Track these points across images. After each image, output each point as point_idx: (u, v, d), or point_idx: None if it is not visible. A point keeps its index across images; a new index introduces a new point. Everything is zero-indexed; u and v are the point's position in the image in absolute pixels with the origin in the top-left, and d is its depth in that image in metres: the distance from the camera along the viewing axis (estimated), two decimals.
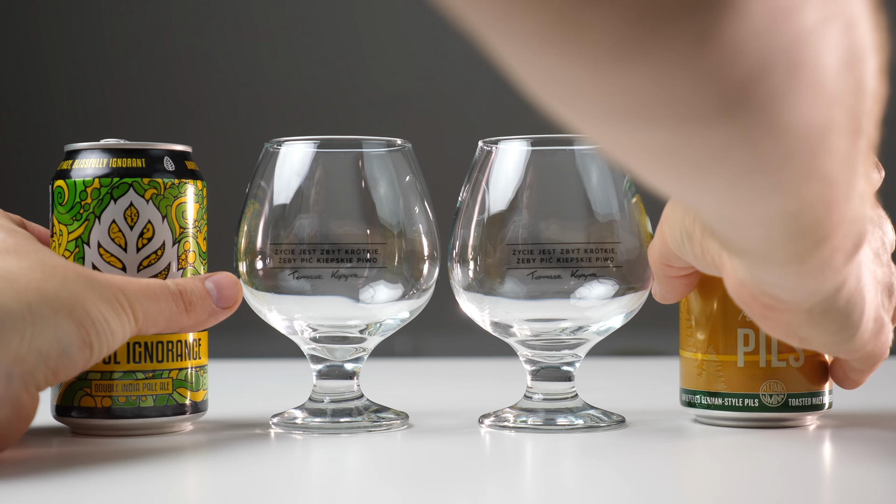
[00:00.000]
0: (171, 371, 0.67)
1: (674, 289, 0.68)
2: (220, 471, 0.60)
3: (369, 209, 0.70)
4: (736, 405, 0.68)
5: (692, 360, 0.70)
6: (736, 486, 0.56)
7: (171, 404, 0.67)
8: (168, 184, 0.67)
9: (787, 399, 0.68)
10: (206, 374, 0.70)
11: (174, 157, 0.68)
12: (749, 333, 0.68)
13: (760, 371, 0.68)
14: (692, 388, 0.70)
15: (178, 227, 0.68)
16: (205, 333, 0.70)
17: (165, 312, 0.64)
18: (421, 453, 0.64)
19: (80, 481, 0.56)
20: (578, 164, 0.69)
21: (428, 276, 0.71)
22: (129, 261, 0.67)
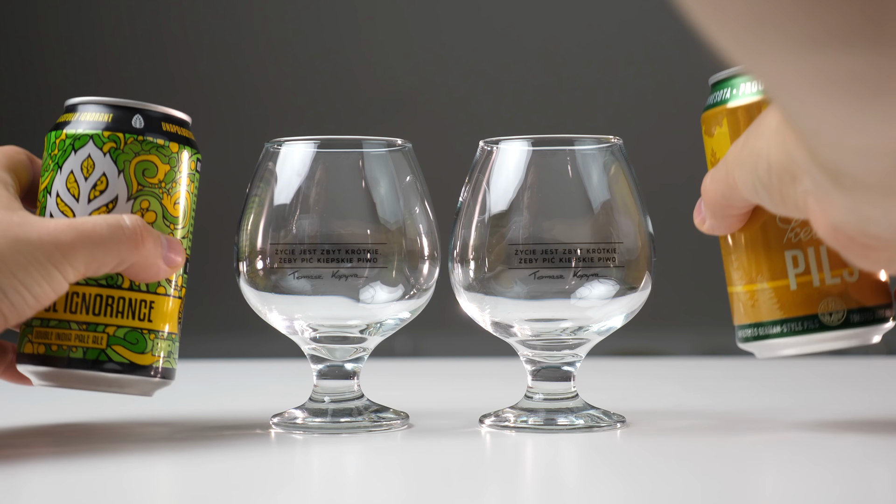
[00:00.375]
0: (108, 327, 0.65)
1: (730, 224, 0.65)
2: (221, 471, 0.60)
3: (369, 209, 0.70)
4: (796, 329, 0.65)
5: (743, 293, 0.67)
6: (736, 486, 0.56)
7: (102, 360, 0.65)
8: (129, 139, 0.66)
9: (847, 315, 0.65)
10: (166, 341, 0.67)
11: (148, 116, 0.67)
12: (797, 255, 0.65)
13: (815, 291, 0.65)
14: (748, 322, 0.66)
15: (136, 183, 0.66)
16: (165, 301, 0.67)
17: (114, 252, 0.63)
18: (421, 453, 0.64)
19: (79, 481, 0.56)
20: (579, 163, 0.69)
21: (428, 276, 0.71)
22: (80, 211, 0.66)
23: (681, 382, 1.00)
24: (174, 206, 0.67)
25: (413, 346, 2.26)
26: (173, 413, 0.79)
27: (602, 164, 0.69)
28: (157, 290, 0.66)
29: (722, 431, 0.70)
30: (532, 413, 0.70)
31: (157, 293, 0.66)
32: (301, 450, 0.66)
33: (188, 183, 0.68)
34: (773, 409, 0.80)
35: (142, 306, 0.66)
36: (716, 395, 0.89)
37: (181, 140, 0.68)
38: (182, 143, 0.68)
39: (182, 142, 0.68)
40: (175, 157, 0.67)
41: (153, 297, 0.67)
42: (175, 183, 0.67)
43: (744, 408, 0.81)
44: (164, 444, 0.66)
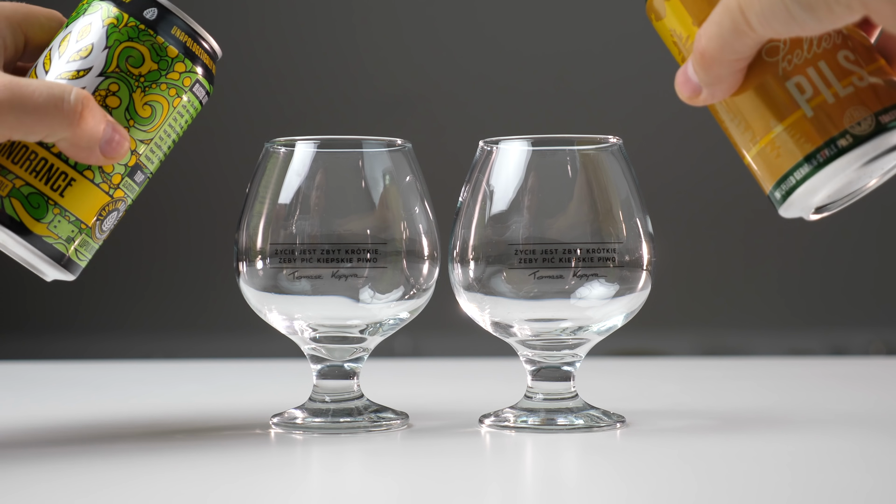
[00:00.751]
0: (17, 179, 0.63)
1: (732, 82, 0.60)
2: (221, 471, 0.60)
3: (369, 209, 0.70)
4: (830, 155, 0.58)
5: (763, 150, 0.61)
6: (736, 486, 0.56)
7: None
8: (130, 23, 0.64)
9: (876, 120, 0.58)
10: (71, 225, 0.64)
11: (163, 15, 0.65)
12: (800, 80, 0.59)
13: (833, 107, 0.59)
14: (781, 177, 0.60)
15: (115, 65, 0.64)
16: (89, 186, 0.64)
17: (45, 123, 0.61)
18: (421, 453, 0.64)
19: (79, 481, 0.56)
20: (579, 163, 0.69)
21: (428, 276, 0.71)
22: (55, 68, 0.64)
23: (681, 382, 1.00)
24: (143, 106, 0.65)
25: (413, 346, 2.26)
26: (173, 413, 0.79)
27: (602, 164, 0.69)
28: (85, 171, 0.64)
29: (722, 431, 0.70)
30: (532, 413, 0.70)
31: (83, 174, 0.64)
32: (301, 450, 0.66)
33: (172, 93, 0.65)
34: (773, 409, 0.80)
35: (60, 177, 0.63)
36: (716, 395, 0.89)
37: (186, 51, 0.65)
38: (185, 55, 0.65)
39: (186, 54, 0.66)
40: (168, 61, 0.65)
41: (76, 176, 0.64)
42: (156, 84, 0.65)
43: (744, 408, 0.81)
44: (165, 444, 0.66)
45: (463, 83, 2.46)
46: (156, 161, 0.66)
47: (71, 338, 2.15)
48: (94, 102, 0.62)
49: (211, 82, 0.67)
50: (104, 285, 2.15)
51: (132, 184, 0.65)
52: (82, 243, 0.65)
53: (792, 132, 0.59)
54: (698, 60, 0.59)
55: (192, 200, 2.14)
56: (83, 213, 0.64)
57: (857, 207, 0.68)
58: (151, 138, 0.65)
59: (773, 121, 0.59)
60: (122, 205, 0.65)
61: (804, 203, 0.60)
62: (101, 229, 0.65)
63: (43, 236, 0.63)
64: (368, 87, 2.50)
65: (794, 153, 0.59)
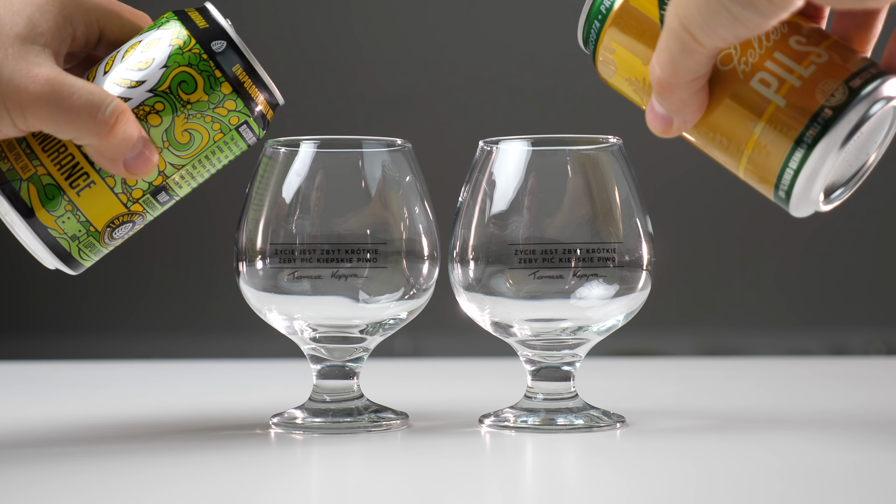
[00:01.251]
0: (41, 166, 0.63)
1: (698, 103, 0.60)
2: (221, 471, 0.60)
3: (369, 209, 0.70)
4: (816, 135, 0.58)
5: (751, 155, 0.60)
6: (736, 486, 0.56)
7: (13, 184, 0.63)
8: (195, 50, 0.64)
9: (847, 88, 0.58)
10: (80, 225, 0.64)
11: (230, 51, 0.65)
12: (762, 76, 0.59)
13: (802, 89, 0.59)
14: (777, 172, 0.59)
15: (167, 84, 0.64)
16: (107, 193, 0.64)
17: (75, 125, 0.62)
18: (421, 453, 0.64)
19: (78, 481, 0.56)
20: (579, 163, 0.69)
21: (428, 276, 0.71)
22: (115, 72, 0.64)
23: (681, 382, 1.00)
24: (183, 132, 0.65)
25: (413, 346, 2.26)
26: (173, 413, 0.79)
27: (602, 164, 0.69)
28: (107, 178, 0.64)
29: (722, 431, 0.70)
30: (532, 413, 0.70)
31: (105, 180, 0.64)
32: (301, 450, 0.66)
33: (216, 128, 0.65)
34: (773, 409, 0.80)
35: (81, 177, 0.64)
36: (716, 395, 0.89)
37: (241, 91, 0.65)
38: (239, 95, 0.65)
39: (240, 94, 0.65)
40: (220, 95, 0.65)
41: (97, 180, 0.64)
42: (201, 115, 0.65)
43: (744, 408, 0.81)
44: (164, 443, 0.66)
45: (463, 83, 2.46)
46: (185, 187, 0.66)
47: (71, 338, 2.15)
48: (130, 117, 0.63)
49: (264, 127, 0.66)
50: (104, 285, 2.15)
51: (154, 202, 0.65)
52: (87, 244, 0.65)
53: (773, 126, 0.59)
54: (659, 91, 0.59)
55: (192, 200, 2.14)
56: (94, 217, 0.64)
57: (857, 207, 0.68)
58: (184, 164, 0.65)
59: (750, 123, 0.59)
60: (140, 219, 0.66)
61: (809, 192, 0.60)
62: (112, 237, 0.65)
63: (49, 227, 0.63)
64: (368, 87, 2.50)
65: (781, 145, 0.59)
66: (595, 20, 0.62)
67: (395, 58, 2.52)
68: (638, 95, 0.62)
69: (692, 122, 0.60)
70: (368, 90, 2.50)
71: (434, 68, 2.50)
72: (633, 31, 0.61)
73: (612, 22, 0.62)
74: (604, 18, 0.62)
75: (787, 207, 0.61)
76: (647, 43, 0.61)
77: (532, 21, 2.55)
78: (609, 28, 0.62)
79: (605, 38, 0.62)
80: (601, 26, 0.62)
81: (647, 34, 0.61)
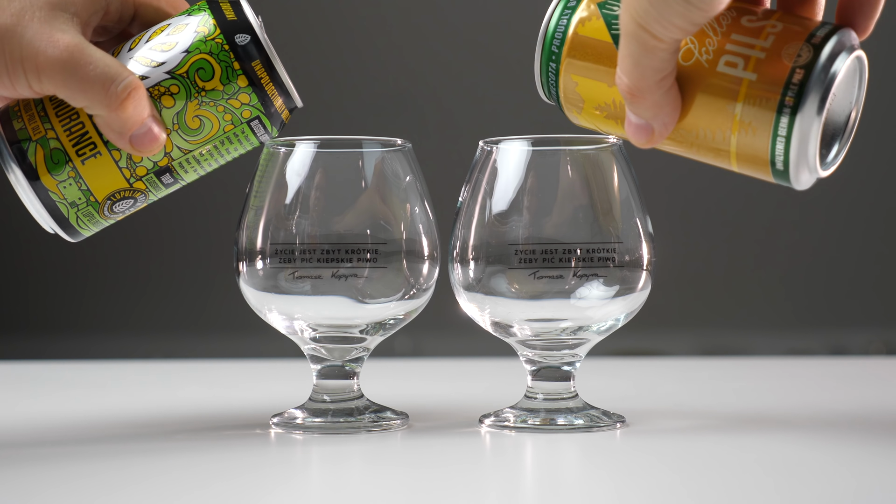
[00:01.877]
0: (51, 130, 0.64)
1: (672, 102, 0.60)
2: (220, 471, 0.60)
3: (369, 209, 0.70)
4: (796, 97, 0.58)
5: (738, 138, 0.60)
6: (736, 486, 0.56)
7: (22, 143, 0.64)
8: (218, 40, 0.65)
9: (810, 47, 0.58)
10: (80, 193, 0.65)
11: (253, 47, 0.65)
12: (727, 59, 0.59)
13: (768, 60, 0.59)
14: (768, 146, 0.59)
15: (185, 69, 0.64)
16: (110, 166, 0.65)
17: (87, 95, 0.63)
18: (421, 453, 0.64)
19: (78, 481, 0.56)
20: (579, 164, 0.69)
21: (428, 276, 0.71)
22: (138, 50, 0.65)
23: (681, 382, 1.00)
24: (193, 117, 0.65)
25: (413, 346, 2.26)
26: (173, 413, 0.79)
27: (602, 164, 0.69)
28: (113, 151, 0.64)
29: (722, 431, 0.70)
30: (532, 413, 0.70)
31: (111, 153, 0.64)
32: (301, 450, 0.66)
33: (227, 118, 0.65)
34: (773, 409, 0.80)
35: (88, 146, 0.64)
36: (716, 395, 0.89)
37: (257, 87, 0.65)
38: (254, 90, 0.65)
39: (256, 89, 0.65)
40: (235, 87, 0.65)
41: (104, 151, 0.64)
42: (214, 103, 0.65)
43: (744, 408, 0.81)
44: (164, 443, 0.66)
45: (463, 83, 2.46)
46: (191, 173, 0.66)
47: (71, 338, 2.15)
48: (143, 95, 0.63)
49: (278, 126, 0.67)
50: (104, 285, 2.15)
51: (158, 182, 0.66)
52: (86, 213, 0.65)
53: (751, 102, 0.59)
54: (630, 100, 0.60)
55: (192, 200, 2.14)
56: (95, 187, 0.65)
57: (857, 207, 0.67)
58: (191, 150, 0.65)
59: (728, 107, 0.59)
60: (142, 197, 0.66)
61: (806, 156, 0.59)
62: (112, 210, 0.66)
63: (50, 191, 0.64)
64: (368, 87, 2.50)
65: (764, 118, 0.59)
66: (550, 63, 0.63)
67: (396, 58, 2.52)
68: (612, 121, 0.63)
69: (671, 124, 0.60)
70: (368, 90, 2.50)
71: (434, 68, 2.50)
72: (591, 57, 0.62)
73: (567, 56, 0.62)
74: (558, 58, 0.63)
75: (787, 181, 0.60)
76: (607, 63, 0.61)
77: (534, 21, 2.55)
78: (566, 63, 0.62)
79: (564, 75, 0.63)
80: (557, 66, 0.63)
81: (604, 56, 0.62)
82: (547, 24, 0.63)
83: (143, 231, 2.11)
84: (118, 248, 2.05)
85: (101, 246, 1.93)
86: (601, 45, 0.62)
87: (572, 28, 0.62)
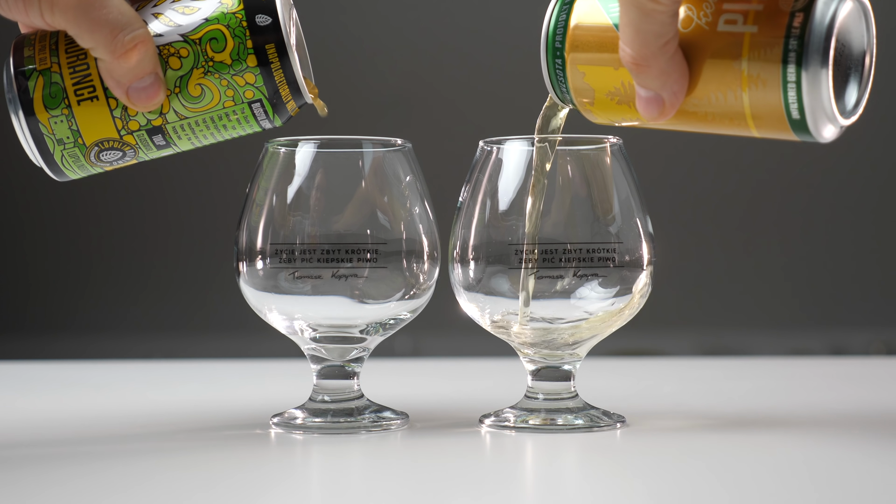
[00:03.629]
0: (56, 65, 0.64)
1: (680, 64, 0.59)
2: (220, 471, 0.60)
3: (369, 209, 0.70)
4: (800, 41, 0.57)
5: (750, 95, 0.59)
6: (736, 486, 0.56)
7: (27, 71, 0.64)
8: (239, 16, 0.64)
9: None
10: (69, 132, 0.65)
11: (269, 28, 0.64)
12: (726, 17, 0.59)
13: (766, 10, 0.59)
14: (782, 98, 0.58)
15: (199, 36, 0.64)
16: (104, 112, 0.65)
17: (95, 38, 0.63)
18: (421, 453, 0.64)
19: (78, 481, 0.56)
20: (579, 163, 0.69)
21: (428, 276, 0.71)
22: (161, 5, 0.65)
23: (681, 382, 1.00)
24: (196, 84, 0.65)
25: (413, 346, 2.26)
26: (173, 413, 0.79)
27: (602, 164, 0.69)
28: (110, 99, 0.64)
29: (722, 431, 0.70)
30: (532, 413, 0.70)
31: (107, 100, 0.64)
32: (301, 450, 0.66)
33: (229, 94, 0.65)
34: (773, 409, 0.80)
35: (88, 89, 0.65)
36: (716, 395, 0.89)
37: (265, 69, 0.65)
38: (262, 72, 0.65)
39: (263, 71, 0.65)
40: (243, 64, 0.65)
41: (101, 97, 0.65)
42: (219, 75, 0.65)
43: (744, 408, 0.81)
44: (164, 443, 0.66)
45: (463, 83, 2.46)
46: (184, 141, 0.66)
47: (71, 338, 2.15)
48: (150, 50, 0.63)
49: (281, 116, 0.66)
50: (104, 285, 2.15)
51: (148, 141, 0.65)
52: (72, 154, 0.65)
53: (756, 54, 0.59)
54: (636, 70, 0.60)
55: (192, 200, 2.14)
56: (85, 130, 0.65)
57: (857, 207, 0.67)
58: (187, 117, 0.65)
59: (735, 64, 0.59)
60: (131, 152, 0.66)
61: (820, 103, 0.59)
62: (98, 157, 0.66)
63: (41, 123, 0.65)
64: (368, 87, 2.50)
65: (772, 66, 0.58)
66: (555, 60, 0.63)
67: (395, 58, 2.52)
68: (625, 105, 0.62)
69: (680, 93, 0.60)
70: (368, 90, 2.50)
71: (434, 68, 2.50)
72: (593, 45, 0.62)
73: (570, 49, 0.63)
74: (562, 52, 0.63)
75: (808, 133, 0.59)
76: (610, 47, 0.61)
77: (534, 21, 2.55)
78: (570, 56, 0.63)
79: (570, 69, 0.63)
80: (563, 61, 0.63)
81: (606, 40, 0.62)
82: (548, 23, 0.63)
83: (144, 231, 2.11)
84: (118, 247, 2.05)
85: (101, 246, 1.93)
86: (602, 31, 0.62)
87: (572, 21, 0.63)
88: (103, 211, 1.98)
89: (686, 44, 0.59)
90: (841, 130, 0.60)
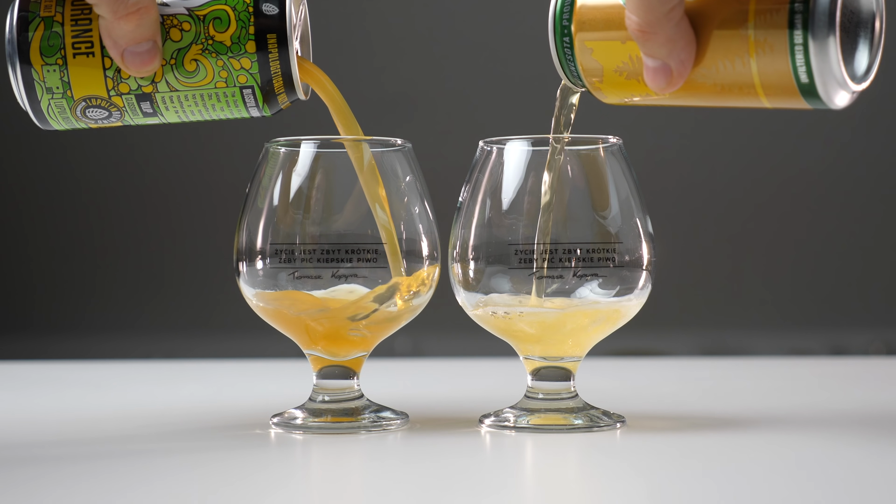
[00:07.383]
0: (59, 14, 0.65)
1: (686, 31, 0.59)
2: (220, 471, 0.60)
3: (369, 209, 0.70)
4: (805, 6, 0.57)
5: (758, 61, 0.59)
6: (736, 486, 0.56)
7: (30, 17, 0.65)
8: (248, 1, 0.65)
9: None
10: (60, 84, 0.65)
11: (272, 18, 0.65)
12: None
13: None
14: (791, 63, 0.58)
15: (204, 12, 0.65)
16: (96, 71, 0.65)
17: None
18: (421, 453, 0.64)
19: (78, 481, 0.56)
20: (579, 163, 0.69)
21: (428, 276, 0.71)
22: None
23: (681, 382, 1.00)
24: (191, 60, 0.65)
25: (413, 346, 2.26)
26: (174, 413, 0.79)
27: (602, 164, 0.70)
28: (105, 58, 0.65)
29: (722, 431, 0.70)
30: (532, 413, 0.70)
31: (102, 58, 0.65)
32: (301, 450, 0.66)
33: (223, 75, 0.65)
34: (773, 409, 0.80)
35: (85, 44, 0.65)
36: (716, 395, 0.89)
37: (262, 57, 0.65)
38: (258, 59, 0.65)
39: (260, 58, 0.65)
40: (241, 49, 0.65)
41: (97, 53, 0.65)
42: (215, 55, 0.65)
43: (744, 408, 0.81)
44: (165, 443, 0.66)
45: (463, 83, 2.46)
46: (172, 113, 0.66)
47: (72, 338, 2.15)
48: (152, 17, 0.64)
49: (271, 106, 0.67)
50: (104, 285, 2.16)
51: (136, 106, 0.66)
52: (58, 105, 0.66)
53: (762, 20, 0.58)
54: (642, 38, 0.59)
55: (192, 200, 2.14)
56: (75, 84, 0.66)
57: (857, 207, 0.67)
58: (177, 89, 0.66)
59: (741, 30, 0.59)
60: (117, 113, 0.66)
61: (831, 68, 0.58)
62: (84, 113, 0.66)
63: (33, 69, 0.65)
64: (368, 87, 2.50)
65: (778, 31, 0.58)
66: (563, 38, 0.63)
67: (396, 58, 2.52)
68: (634, 80, 0.62)
69: (688, 62, 0.59)
70: (368, 90, 2.50)
71: (434, 68, 2.50)
72: (600, 21, 0.62)
73: (577, 26, 0.63)
74: (569, 30, 0.63)
75: (819, 99, 0.59)
76: (616, 21, 0.61)
77: (534, 21, 2.55)
78: (578, 34, 0.63)
79: (578, 46, 0.63)
80: (571, 39, 0.63)
81: (612, 14, 0.62)
82: (555, 3, 0.63)
83: (144, 231, 2.11)
84: (118, 248, 2.05)
85: (101, 246, 1.93)
86: (608, 5, 0.62)
87: None
88: (103, 211, 1.98)
89: (692, 11, 0.59)
90: (853, 97, 0.60)
